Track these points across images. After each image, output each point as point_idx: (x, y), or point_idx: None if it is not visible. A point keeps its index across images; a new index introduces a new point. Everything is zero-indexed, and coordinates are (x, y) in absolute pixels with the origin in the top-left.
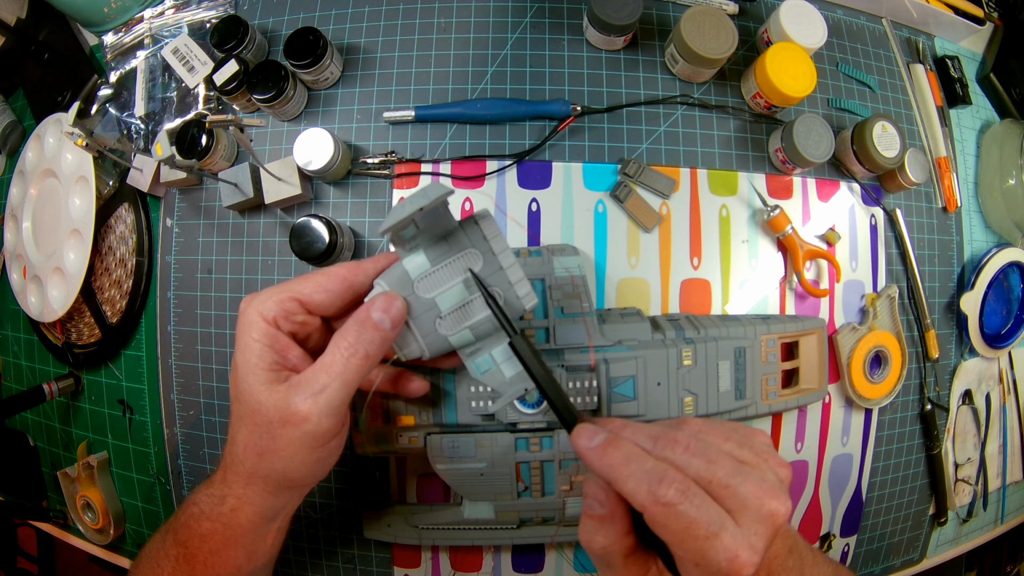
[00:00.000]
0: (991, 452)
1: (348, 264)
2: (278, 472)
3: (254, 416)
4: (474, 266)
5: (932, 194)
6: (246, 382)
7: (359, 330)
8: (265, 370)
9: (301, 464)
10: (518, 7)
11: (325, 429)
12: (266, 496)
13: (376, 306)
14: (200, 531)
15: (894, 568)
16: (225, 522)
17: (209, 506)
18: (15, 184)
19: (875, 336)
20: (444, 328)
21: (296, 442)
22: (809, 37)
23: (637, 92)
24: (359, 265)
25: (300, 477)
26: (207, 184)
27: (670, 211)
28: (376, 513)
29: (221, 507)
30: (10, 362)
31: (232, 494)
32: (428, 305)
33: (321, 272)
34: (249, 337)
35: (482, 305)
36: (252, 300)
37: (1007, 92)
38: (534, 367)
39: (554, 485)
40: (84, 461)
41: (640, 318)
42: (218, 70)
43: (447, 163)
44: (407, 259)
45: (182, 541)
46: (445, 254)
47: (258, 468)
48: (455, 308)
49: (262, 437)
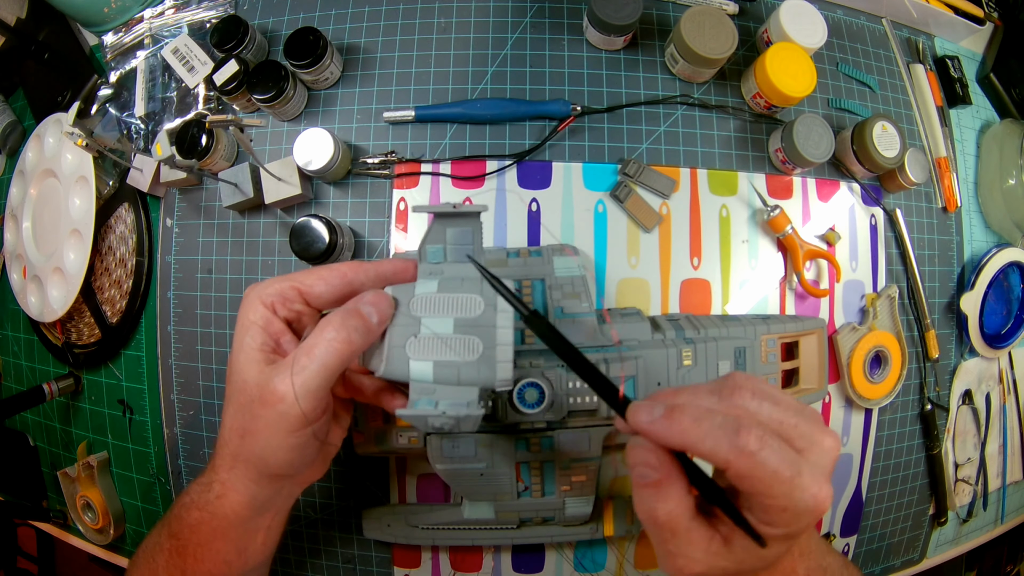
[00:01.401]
0: (991, 452)
1: (351, 262)
2: (257, 456)
3: (239, 395)
4: (472, 313)
5: (932, 194)
6: (237, 361)
7: (344, 316)
8: (256, 350)
9: (278, 448)
10: (518, 7)
11: (300, 411)
12: (248, 483)
13: (365, 299)
14: (189, 521)
15: (894, 568)
16: (212, 511)
17: (198, 494)
18: (15, 184)
19: (875, 336)
20: (412, 351)
21: (273, 423)
22: (809, 37)
23: (637, 92)
24: (361, 265)
25: (278, 464)
26: (207, 184)
27: (670, 211)
28: (376, 513)
29: (208, 494)
30: (10, 362)
31: (218, 479)
32: (413, 322)
33: (324, 266)
34: (246, 319)
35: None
36: (255, 286)
37: (1007, 92)
38: (560, 347)
39: (554, 485)
40: (84, 461)
41: (640, 318)
42: (218, 70)
43: (447, 163)
44: (422, 281)
45: (174, 533)
46: (455, 287)
47: (240, 450)
48: (433, 336)
49: (244, 416)
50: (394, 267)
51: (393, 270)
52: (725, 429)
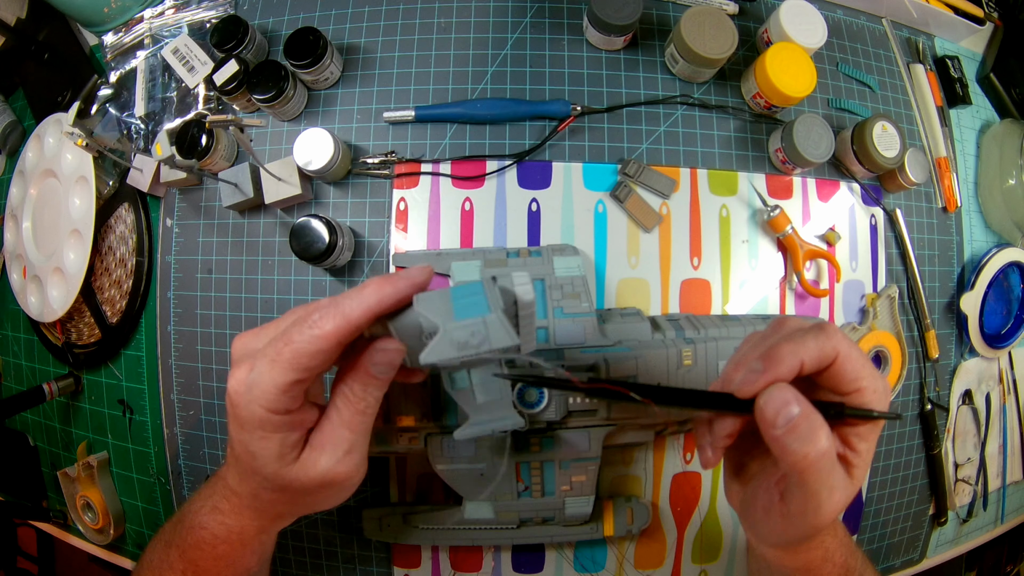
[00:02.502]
0: (991, 452)
1: (336, 318)
2: (302, 512)
3: (285, 489)
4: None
5: (932, 194)
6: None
7: (364, 382)
8: (290, 451)
9: (335, 503)
10: (518, 7)
11: (361, 476)
12: (284, 522)
13: (375, 360)
14: (215, 553)
15: (894, 568)
16: (242, 543)
17: (225, 533)
18: (15, 184)
19: (875, 336)
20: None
21: (337, 496)
22: (809, 37)
23: (637, 92)
24: (348, 320)
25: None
26: (207, 184)
27: (670, 211)
28: (376, 513)
29: (241, 535)
30: (10, 362)
31: (253, 526)
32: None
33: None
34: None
35: None
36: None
37: (1007, 92)
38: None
39: (554, 485)
40: (84, 461)
41: (640, 318)
42: (218, 70)
43: (447, 163)
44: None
45: (192, 559)
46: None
47: (289, 512)
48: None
49: (295, 498)
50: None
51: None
52: (815, 332)
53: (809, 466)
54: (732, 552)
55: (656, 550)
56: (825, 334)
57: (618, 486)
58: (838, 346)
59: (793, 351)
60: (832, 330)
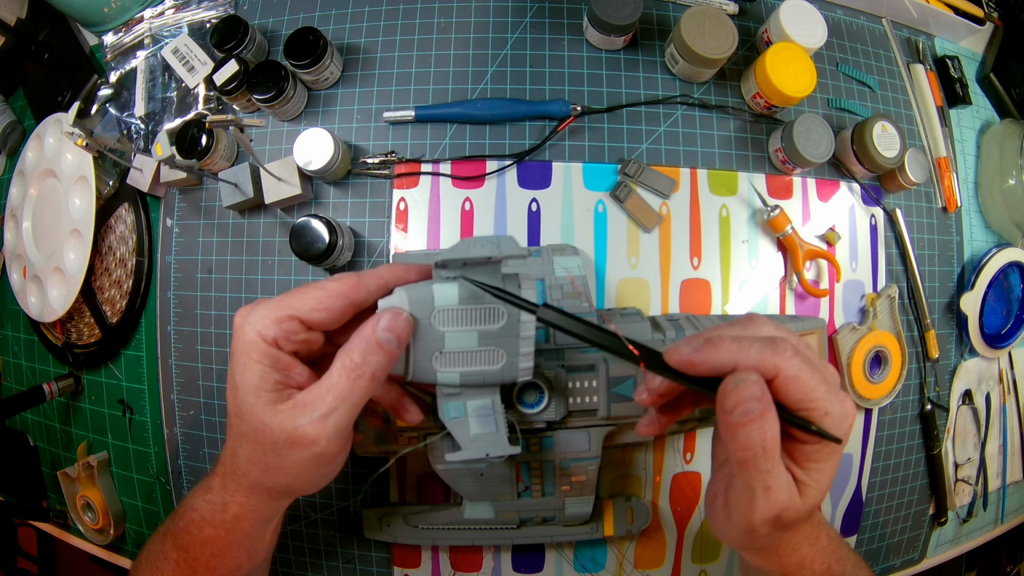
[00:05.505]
0: (991, 452)
1: (349, 279)
2: (283, 485)
3: (258, 436)
4: (495, 324)
5: (932, 194)
6: (247, 403)
7: (365, 350)
8: (268, 391)
9: (308, 479)
10: (518, 7)
11: (334, 450)
12: (269, 503)
13: (382, 325)
14: (202, 536)
15: (894, 568)
16: (228, 528)
17: (210, 512)
18: (15, 184)
19: (875, 336)
20: (438, 363)
21: (303, 462)
22: (809, 37)
23: (637, 92)
24: (360, 280)
25: (305, 490)
26: (207, 184)
27: (670, 211)
28: (376, 513)
29: (223, 514)
30: (10, 362)
31: (235, 502)
32: (436, 336)
33: (319, 287)
34: (249, 357)
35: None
36: (248, 316)
37: (1007, 92)
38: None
39: (554, 485)
40: (84, 461)
41: (640, 318)
42: (218, 70)
43: (447, 163)
44: (439, 285)
45: (182, 546)
46: (476, 299)
47: (262, 481)
48: (458, 351)
49: (267, 455)
50: (394, 274)
51: (394, 278)
52: (764, 343)
53: (750, 457)
54: (732, 552)
55: (656, 550)
56: (772, 349)
57: (618, 486)
58: (781, 365)
59: (732, 352)
60: (783, 348)
